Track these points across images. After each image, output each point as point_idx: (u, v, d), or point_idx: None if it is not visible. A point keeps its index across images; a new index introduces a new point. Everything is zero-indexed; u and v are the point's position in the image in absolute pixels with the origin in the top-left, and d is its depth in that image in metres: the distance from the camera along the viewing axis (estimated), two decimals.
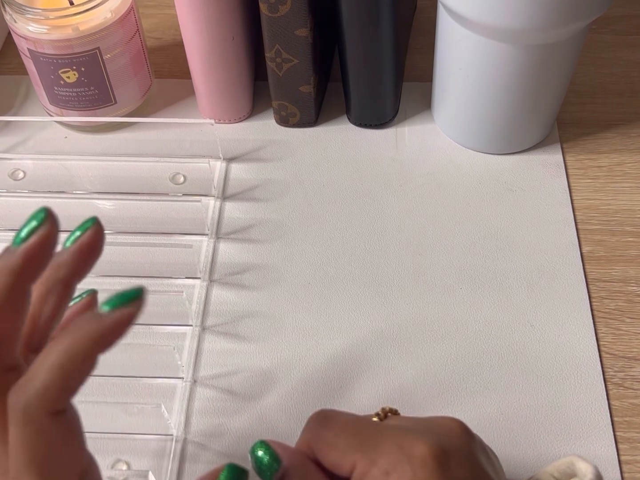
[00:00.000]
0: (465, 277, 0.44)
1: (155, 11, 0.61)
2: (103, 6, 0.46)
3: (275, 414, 0.39)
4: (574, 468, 0.30)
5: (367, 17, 0.44)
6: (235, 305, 0.43)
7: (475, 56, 0.44)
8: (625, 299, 0.43)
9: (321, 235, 0.46)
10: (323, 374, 0.40)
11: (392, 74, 0.48)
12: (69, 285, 0.27)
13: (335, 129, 0.52)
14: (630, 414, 0.38)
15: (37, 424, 0.23)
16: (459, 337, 0.41)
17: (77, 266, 0.27)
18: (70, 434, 0.24)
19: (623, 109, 0.53)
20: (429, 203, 0.47)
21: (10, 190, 0.48)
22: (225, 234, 0.46)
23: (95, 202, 0.48)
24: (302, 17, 0.44)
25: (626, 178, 0.49)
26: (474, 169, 0.49)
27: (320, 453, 0.28)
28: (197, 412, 0.39)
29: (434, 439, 0.27)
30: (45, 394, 0.23)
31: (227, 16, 0.45)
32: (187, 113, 0.53)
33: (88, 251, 0.27)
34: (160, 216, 0.47)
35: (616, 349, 0.41)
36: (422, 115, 0.53)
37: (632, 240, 0.45)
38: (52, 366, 0.23)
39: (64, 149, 0.51)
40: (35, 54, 0.46)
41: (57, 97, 0.49)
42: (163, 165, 0.49)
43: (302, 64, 0.47)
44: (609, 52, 0.57)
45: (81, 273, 0.27)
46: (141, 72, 0.51)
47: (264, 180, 0.49)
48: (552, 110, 0.49)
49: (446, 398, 0.39)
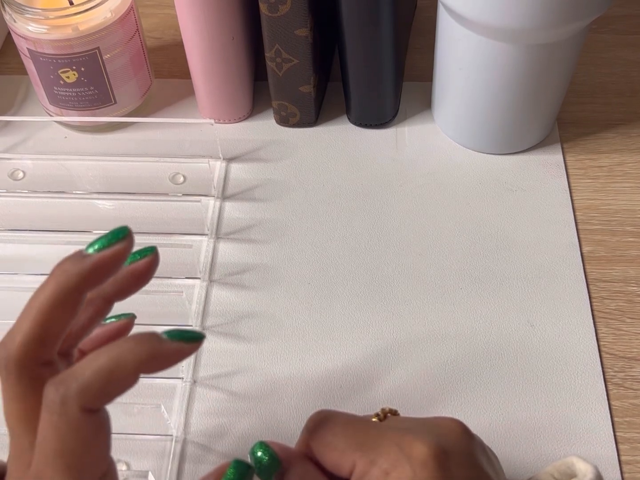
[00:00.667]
0: (466, 277, 0.44)
1: (155, 11, 0.61)
2: (103, 6, 0.46)
3: (275, 414, 0.39)
4: (574, 468, 0.30)
5: (367, 17, 0.44)
6: (235, 305, 0.43)
7: (475, 56, 0.44)
8: (625, 299, 0.43)
9: (321, 235, 0.46)
10: (323, 374, 0.40)
11: (392, 73, 0.48)
12: (110, 302, 0.29)
13: (335, 129, 0.52)
14: (630, 415, 0.38)
15: (71, 416, 0.23)
16: (459, 337, 0.41)
17: (124, 288, 0.28)
18: (100, 433, 0.24)
19: (623, 108, 0.53)
20: (429, 203, 0.47)
21: (10, 190, 0.48)
22: (225, 234, 0.46)
23: (95, 202, 0.48)
24: (302, 17, 0.44)
25: (626, 178, 0.49)
26: (474, 169, 0.49)
27: (320, 453, 0.28)
28: (196, 413, 0.39)
29: (434, 439, 0.27)
30: (86, 390, 0.23)
31: (227, 16, 0.45)
32: (187, 113, 0.53)
33: (139, 277, 0.28)
34: (160, 216, 0.47)
35: (616, 349, 0.41)
36: (422, 115, 0.52)
37: (633, 240, 0.45)
38: (100, 368, 0.23)
39: (63, 149, 0.51)
40: (34, 53, 0.46)
41: (57, 97, 0.49)
42: (163, 165, 0.49)
43: (302, 64, 0.47)
44: (609, 52, 0.57)
45: (124, 295, 0.28)
46: (141, 72, 0.51)
47: (264, 180, 0.49)
48: (552, 110, 0.49)
49: (446, 398, 0.39)
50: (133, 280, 0.28)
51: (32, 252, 0.45)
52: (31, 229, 0.46)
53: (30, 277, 0.44)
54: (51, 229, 0.46)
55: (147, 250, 0.28)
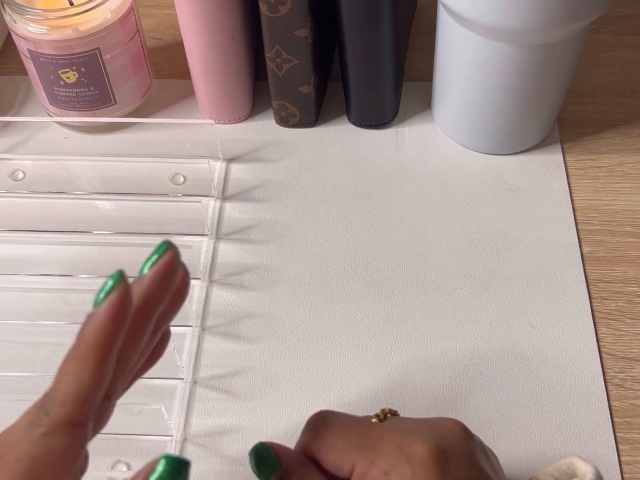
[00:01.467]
0: (466, 277, 0.44)
1: (155, 11, 0.61)
2: (103, 6, 0.46)
3: (275, 414, 0.39)
4: (574, 469, 0.30)
5: (367, 17, 0.44)
6: (235, 306, 0.43)
7: (475, 56, 0.43)
8: (625, 300, 0.43)
9: (321, 235, 0.46)
10: (323, 374, 0.40)
11: (392, 73, 0.48)
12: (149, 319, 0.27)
13: (335, 129, 0.52)
14: (630, 415, 0.38)
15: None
16: (459, 337, 0.41)
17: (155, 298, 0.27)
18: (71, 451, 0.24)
19: (623, 109, 0.53)
20: (429, 203, 0.47)
21: (10, 191, 0.48)
22: (225, 234, 0.46)
23: (95, 202, 0.48)
24: (302, 17, 0.44)
25: (627, 178, 0.49)
26: (474, 169, 0.49)
27: (320, 454, 0.28)
28: (196, 413, 0.39)
29: (434, 440, 0.27)
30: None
31: (227, 16, 0.45)
32: (187, 113, 0.53)
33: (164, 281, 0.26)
34: (160, 216, 0.47)
35: (616, 350, 0.41)
36: (422, 115, 0.52)
37: (633, 240, 0.45)
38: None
39: (63, 149, 0.51)
40: (35, 54, 0.46)
41: (57, 97, 0.49)
42: (163, 166, 0.49)
43: (302, 64, 0.47)
44: (609, 52, 0.57)
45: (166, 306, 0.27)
46: (141, 73, 0.51)
47: (264, 180, 0.49)
48: (553, 110, 0.49)
49: (446, 399, 0.39)
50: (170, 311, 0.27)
51: (32, 252, 0.45)
52: (31, 229, 0.46)
53: (30, 278, 0.44)
54: (51, 229, 0.46)
55: (160, 249, 0.26)
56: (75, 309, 0.43)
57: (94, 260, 0.45)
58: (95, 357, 0.24)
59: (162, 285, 0.26)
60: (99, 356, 0.24)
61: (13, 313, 0.43)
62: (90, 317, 0.24)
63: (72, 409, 0.23)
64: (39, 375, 0.40)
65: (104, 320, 0.24)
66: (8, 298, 0.44)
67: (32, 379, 0.40)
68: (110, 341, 0.24)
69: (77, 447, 0.24)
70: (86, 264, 0.45)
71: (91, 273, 0.44)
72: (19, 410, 0.25)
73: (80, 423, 0.24)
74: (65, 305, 0.43)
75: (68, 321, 0.42)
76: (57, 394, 0.24)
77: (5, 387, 0.40)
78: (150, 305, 0.26)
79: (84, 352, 0.24)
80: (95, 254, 0.45)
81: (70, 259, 0.45)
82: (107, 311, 0.24)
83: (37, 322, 0.42)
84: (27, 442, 0.23)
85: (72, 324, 0.42)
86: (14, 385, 0.40)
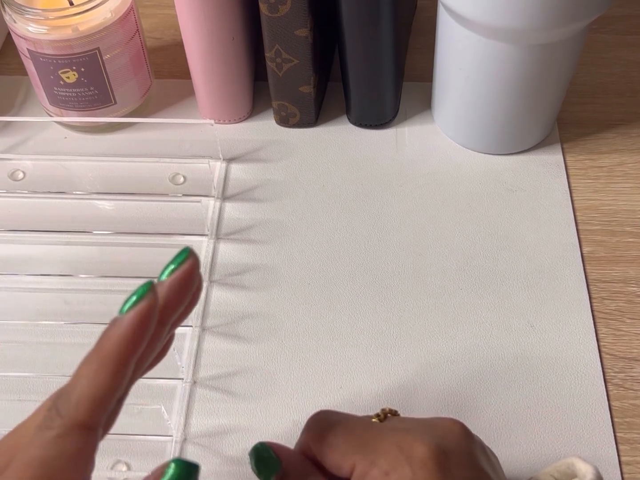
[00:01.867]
0: (466, 278, 0.44)
1: (155, 11, 0.61)
2: (103, 6, 0.46)
3: (275, 414, 0.39)
4: (574, 469, 0.30)
5: (367, 17, 0.44)
6: (235, 306, 0.43)
7: (475, 56, 0.43)
8: (625, 300, 0.43)
9: (321, 235, 0.46)
10: (323, 374, 0.40)
11: (392, 73, 0.48)
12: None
13: (335, 129, 0.52)
14: (630, 415, 0.38)
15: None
16: (459, 337, 0.41)
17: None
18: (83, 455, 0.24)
19: (623, 109, 0.53)
20: (429, 203, 0.47)
21: (10, 191, 0.48)
22: (225, 234, 0.46)
23: (95, 202, 0.48)
24: (302, 17, 0.44)
25: (627, 178, 0.49)
26: (474, 169, 0.49)
27: (320, 454, 0.28)
28: (196, 413, 0.39)
29: (434, 440, 0.27)
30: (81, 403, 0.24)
31: (227, 16, 0.45)
32: (187, 113, 0.53)
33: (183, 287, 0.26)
34: (160, 216, 0.47)
35: (616, 350, 0.41)
36: (422, 115, 0.52)
37: (633, 240, 0.45)
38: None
39: (63, 149, 0.51)
40: (34, 54, 0.46)
41: (57, 97, 0.49)
42: (163, 166, 0.49)
43: (302, 64, 0.47)
44: (609, 52, 0.57)
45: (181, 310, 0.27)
46: (141, 73, 0.51)
47: (264, 180, 0.49)
48: (553, 110, 0.49)
49: (446, 399, 0.39)
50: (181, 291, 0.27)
51: (32, 253, 0.45)
52: (31, 229, 0.46)
53: (30, 278, 0.44)
54: (51, 229, 0.46)
55: (181, 256, 0.26)
56: (75, 309, 0.43)
57: (94, 260, 0.45)
58: (115, 363, 0.23)
59: (181, 293, 0.26)
60: (119, 363, 0.23)
61: (13, 313, 0.43)
62: (115, 322, 0.24)
63: (87, 412, 0.23)
64: (39, 375, 0.40)
65: (130, 328, 0.23)
66: (8, 298, 0.44)
67: (32, 379, 0.40)
68: (133, 349, 0.24)
69: (89, 451, 0.24)
70: (86, 264, 0.45)
71: (91, 273, 0.44)
72: (19, 410, 0.25)
73: (93, 426, 0.23)
74: (65, 305, 0.43)
75: (68, 321, 0.42)
76: (73, 396, 0.23)
77: (5, 387, 0.40)
78: (167, 313, 0.26)
79: (104, 356, 0.23)
80: (95, 254, 0.45)
81: (70, 259, 0.45)
82: (134, 320, 0.24)
83: (37, 322, 0.42)
84: (38, 444, 0.23)
85: (71, 324, 0.42)
86: (14, 385, 0.40)
